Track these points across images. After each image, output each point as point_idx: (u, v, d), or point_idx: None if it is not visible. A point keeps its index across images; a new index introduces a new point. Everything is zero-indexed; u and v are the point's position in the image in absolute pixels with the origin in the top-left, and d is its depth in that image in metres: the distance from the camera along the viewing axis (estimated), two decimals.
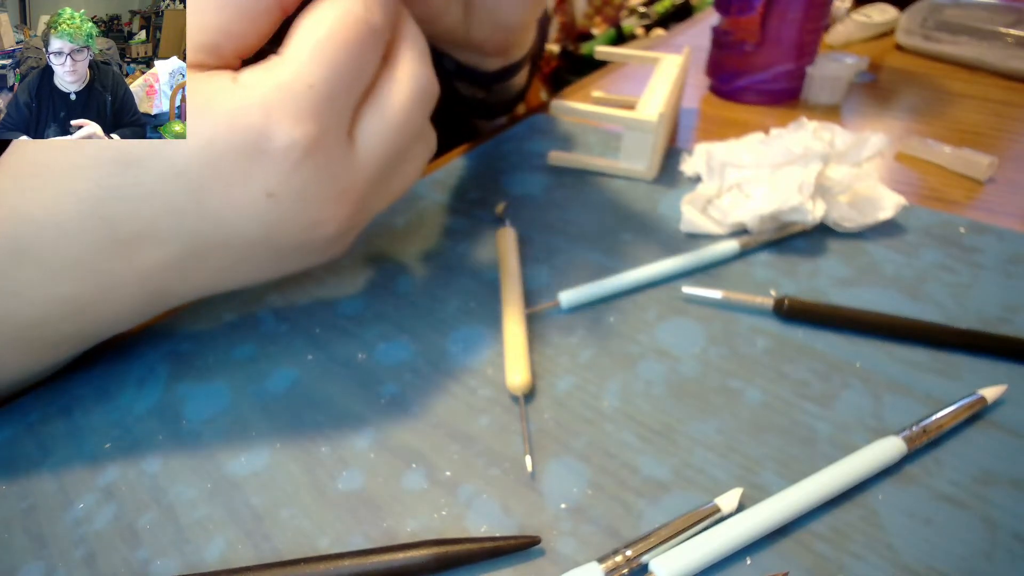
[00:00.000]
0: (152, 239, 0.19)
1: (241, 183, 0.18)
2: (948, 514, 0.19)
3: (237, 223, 0.19)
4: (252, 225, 0.19)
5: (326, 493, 0.20)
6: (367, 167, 0.21)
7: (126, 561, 0.19)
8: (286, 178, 0.18)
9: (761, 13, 0.41)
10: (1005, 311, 0.25)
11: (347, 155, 0.20)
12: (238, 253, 0.20)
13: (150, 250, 0.19)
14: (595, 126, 0.42)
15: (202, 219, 0.19)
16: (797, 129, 0.33)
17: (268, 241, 0.20)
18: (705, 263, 0.29)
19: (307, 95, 0.18)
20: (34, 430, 0.24)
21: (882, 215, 0.30)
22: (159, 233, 0.19)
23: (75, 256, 0.19)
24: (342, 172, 0.20)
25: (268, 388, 0.24)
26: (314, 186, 0.19)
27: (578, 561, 0.18)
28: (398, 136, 0.21)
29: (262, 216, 0.19)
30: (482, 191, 0.36)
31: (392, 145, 0.21)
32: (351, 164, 0.20)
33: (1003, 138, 0.39)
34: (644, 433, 0.22)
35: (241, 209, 0.19)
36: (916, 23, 0.52)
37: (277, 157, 0.18)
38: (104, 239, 0.19)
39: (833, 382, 0.23)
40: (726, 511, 0.18)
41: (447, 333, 0.26)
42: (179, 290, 0.22)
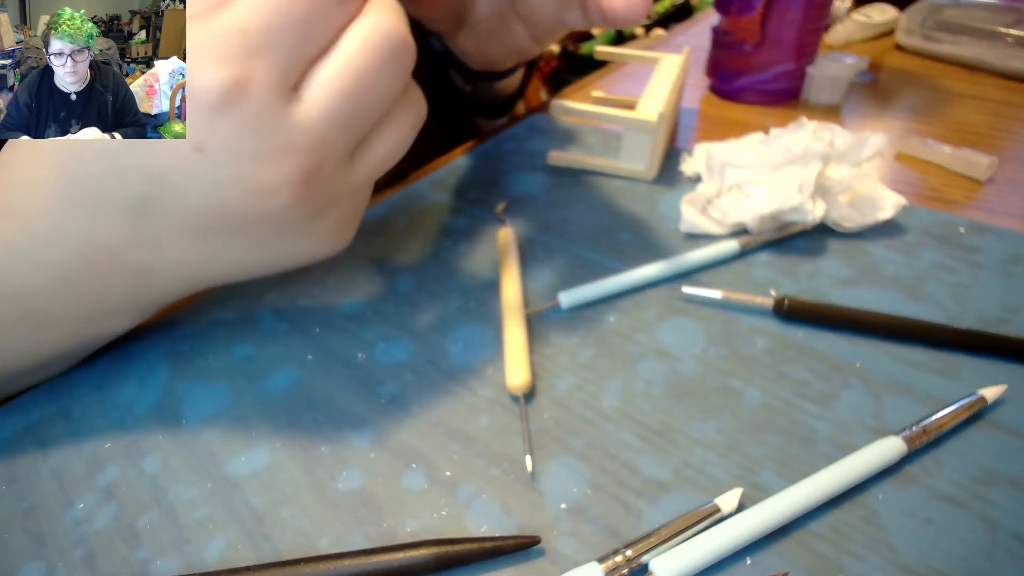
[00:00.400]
0: (107, 202, 0.19)
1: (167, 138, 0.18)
2: (948, 514, 0.19)
3: (176, 183, 0.18)
4: (191, 185, 0.18)
5: (326, 493, 0.20)
6: (316, 123, 0.19)
7: (126, 561, 0.19)
8: (208, 127, 0.17)
9: (761, 13, 0.41)
10: (1005, 311, 0.25)
11: (286, 107, 0.18)
12: (196, 222, 0.19)
13: (109, 214, 0.19)
14: (595, 126, 0.42)
15: (144, 179, 0.18)
16: (797, 129, 0.33)
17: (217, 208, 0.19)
18: (705, 263, 0.29)
19: (236, 39, 0.17)
20: (34, 430, 0.24)
21: (882, 215, 0.30)
22: (110, 195, 0.19)
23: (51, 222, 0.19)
24: (280, 126, 0.18)
25: (268, 388, 0.24)
26: (244, 140, 0.18)
27: (578, 561, 0.18)
28: (355, 89, 0.19)
29: (197, 174, 0.18)
30: (482, 191, 0.36)
31: (349, 99, 0.19)
32: (292, 118, 0.18)
33: (1003, 138, 0.39)
34: (644, 433, 0.22)
35: (173, 165, 0.18)
36: (916, 23, 0.52)
37: (195, 102, 0.17)
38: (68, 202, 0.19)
39: (833, 382, 0.23)
40: (726, 511, 0.18)
41: (447, 333, 0.26)
42: (159, 267, 0.21)
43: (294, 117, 0.18)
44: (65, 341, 0.24)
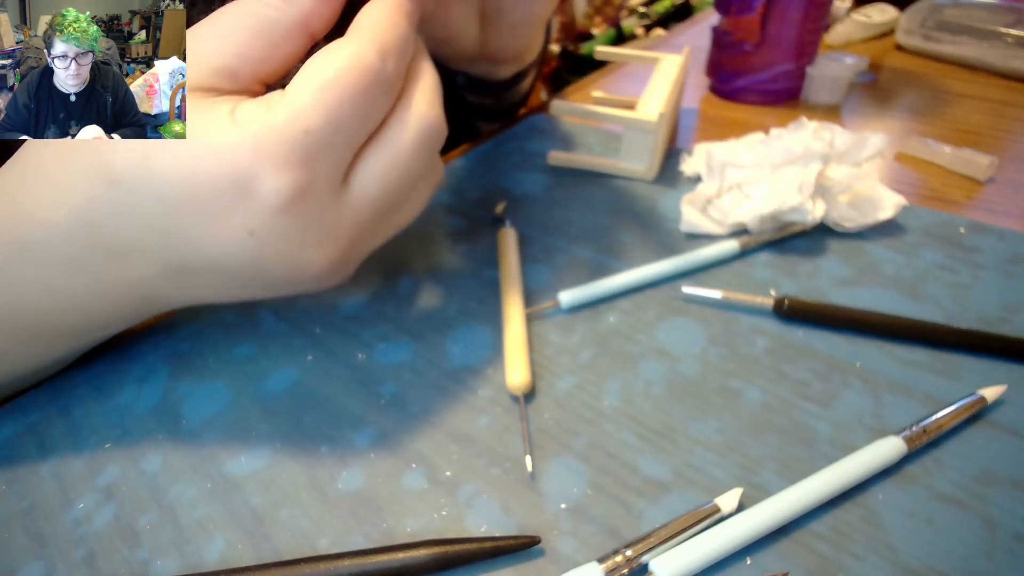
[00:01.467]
0: (138, 254, 0.19)
1: (222, 219, 0.18)
2: (948, 514, 0.19)
3: (219, 253, 0.19)
4: (234, 258, 0.19)
5: (326, 493, 0.20)
6: (361, 210, 0.20)
7: (126, 561, 0.19)
8: (268, 221, 0.18)
9: (761, 13, 0.41)
10: (1005, 311, 0.25)
11: (338, 200, 0.19)
12: (225, 278, 0.20)
13: (137, 263, 0.19)
14: (595, 126, 0.42)
15: (184, 244, 0.19)
16: (797, 129, 0.33)
17: (253, 274, 0.20)
18: (705, 263, 0.29)
19: (300, 141, 0.17)
20: (34, 430, 0.24)
21: (882, 215, 0.30)
22: (144, 249, 0.19)
23: (69, 255, 0.19)
24: (331, 217, 0.19)
25: (268, 388, 0.24)
26: (298, 231, 0.19)
27: (578, 561, 0.18)
28: (399, 179, 0.20)
29: (244, 251, 0.19)
30: (482, 191, 0.36)
31: (392, 188, 0.20)
32: (342, 209, 0.19)
33: (1003, 138, 0.39)
34: (644, 433, 0.22)
35: (222, 242, 0.18)
36: (916, 23, 0.52)
37: (260, 201, 0.18)
38: (94, 246, 0.19)
39: (833, 382, 0.23)
40: (726, 511, 0.18)
41: (447, 333, 0.26)
42: (171, 298, 0.22)
43: (343, 207, 0.19)
44: (66, 349, 0.24)
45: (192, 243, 0.19)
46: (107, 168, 0.18)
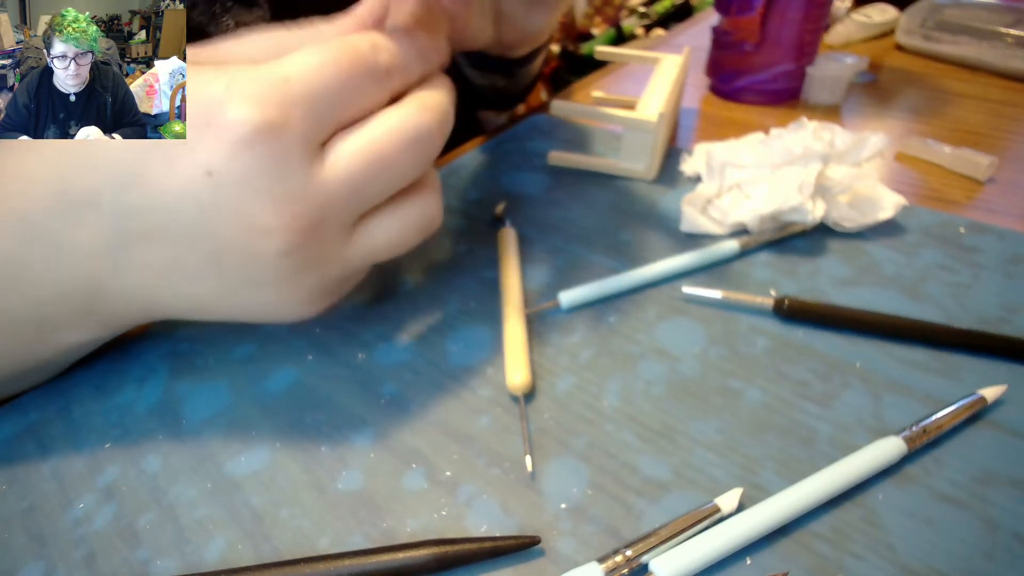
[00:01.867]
0: (95, 208, 0.19)
1: (185, 154, 0.18)
2: (948, 514, 0.19)
3: (174, 202, 0.18)
4: (188, 204, 0.18)
5: (326, 493, 0.20)
6: (328, 185, 0.19)
7: (126, 561, 0.19)
8: (228, 156, 0.18)
9: (761, 13, 0.41)
10: (1005, 311, 0.25)
11: (306, 160, 0.19)
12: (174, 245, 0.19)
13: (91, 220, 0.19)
14: (595, 126, 0.42)
15: (142, 194, 0.18)
16: (797, 129, 0.33)
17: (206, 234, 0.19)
18: (705, 263, 0.29)
19: (278, 84, 0.18)
20: (34, 430, 0.24)
21: (882, 215, 0.30)
22: (101, 202, 0.19)
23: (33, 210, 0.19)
24: (295, 175, 0.19)
25: (268, 388, 0.24)
26: (259, 176, 0.18)
27: (578, 561, 0.18)
28: (374, 166, 0.20)
29: (199, 195, 0.18)
30: (482, 191, 0.36)
31: (366, 172, 0.20)
32: (308, 172, 0.19)
33: (1003, 138, 0.39)
34: (644, 433, 0.22)
35: (179, 185, 0.18)
36: (916, 23, 0.52)
37: (223, 130, 0.17)
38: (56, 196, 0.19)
39: (833, 382, 0.23)
40: (726, 511, 0.18)
41: (447, 333, 0.26)
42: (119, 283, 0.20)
43: (311, 171, 0.19)
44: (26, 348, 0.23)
45: (147, 190, 0.18)
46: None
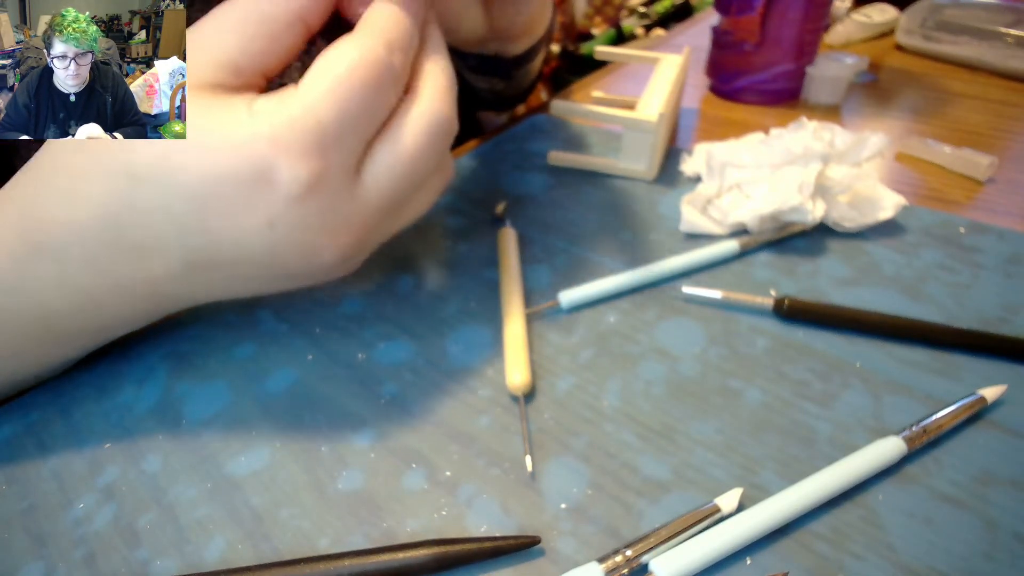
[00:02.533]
0: (158, 250, 0.19)
1: (244, 210, 0.19)
2: (948, 514, 0.19)
3: (239, 245, 0.19)
4: (254, 248, 0.20)
5: (326, 493, 0.20)
6: (373, 200, 0.21)
7: (126, 561, 0.19)
8: (287, 210, 0.19)
9: (761, 13, 0.41)
10: (1005, 311, 0.25)
11: (351, 189, 0.20)
12: (241, 271, 0.21)
13: (156, 260, 0.20)
14: (595, 126, 0.42)
15: (205, 238, 0.19)
16: (797, 129, 0.33)
17: (269, 263, 0.20)
18: (705, 263, 0.29)
19: (315, 131, 0.18)
20: (34, 430, 0.24)
21: (882, 215, 0.30)
22: (164, 245, 0.19)
23: (89, 255, 0.19)
24: (345, 205, 0.20)
25: (268, 388, 0.24)
26: (315, 218, 0.19)
27: (578, 561, 0.18)
28: (409, 171, 0.21)
29: (263, 242, 0.19)
30: (482, 191, 0.36)
31: (402, 180, 0.21)
32: (355, 197, 0.20)
33: (1003, 138, 0.39)
34: (644, 433, 0.22)
35: (243, 233, 0.19)
36: (916, 23, 0.52)
37: (280, 190, 0.18)
38: (114, 243, 0.19)
39: (833, 382, 0.23)
40: (726, 511, 0.18)
41: (447, 333, 0.26)
42: (185, 296, 0.22)
43: (357, 196, 0.20)
44: (78, 349, 0.24)
45: (213, 236, 0.19)
46: (128, 166, 0.18)
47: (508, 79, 0.40)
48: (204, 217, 0.19)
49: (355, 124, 0.19)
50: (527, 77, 0.42)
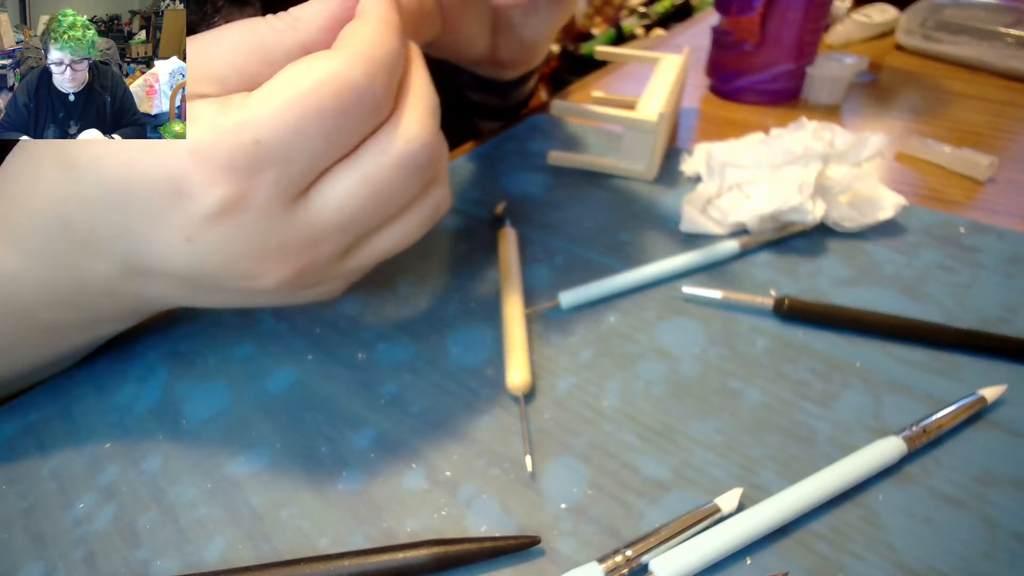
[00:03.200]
0: (97, 249, 0.19)
1: (160, 220, 0.17)
2: (948, 514, 0.19)
3: (165, 257, 0.18)
4: (179, 262, 0.18)
5: (326, 493, 0.20)
6: (318, 228, 0.19)
7: (126, 561, 0.19)
8: (203, 229, 0.17)
9: (761, 13, 0.41)
10: (1005, 311, 0.25)
11: (288, 214, 0.18)
12: (177, 282, 0.19)
13: (101, 258, 0.19)
14: (595, 126, 0.42)
15: (132, 241, 0.18)
16: (797, 129, 0.33)
17: (201, 279, 0.19)
18: (705, 263, 0.29)
19: (246, 150, 0.16)
20: (34, 430, 0.24)
21: (882, 215, 0.30)
22: (101, 245, 0.18)
23: (45, 247, 0.19)
24: (278, 231, 0.18)
25: (268, 388, 0.24)
26: (237, 243, 0.18)
27: (578, 561, 0.18)
28: (372, 202, 0.19)
29: (185, 256, 0.18)
30: (482, 191, 0.36)
31: (360, 211, 0.19)
32: (293, 224, 0.18)
33: (1003, 138, 0.39)
34: (644, 433, 0.22)
35: (163, 244, 0.18)
36: (916, 23, 0.52)
37: (193, 206, 0.17)
38: (63, 235, 0.19)
39: (833, 382, 0.23)
40: (726, 511, 0.18)
41: (447, 333, 0.26)
42: (150, 298, 0.21)
43: (294, 220, 0.18)
44: (69, 345, 0.24)
45: (139, 242, 0.18)
46: (68, 154, 0.17)
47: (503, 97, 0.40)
48: (128, 220, 0.17)
49: (307, 149, 0.17)
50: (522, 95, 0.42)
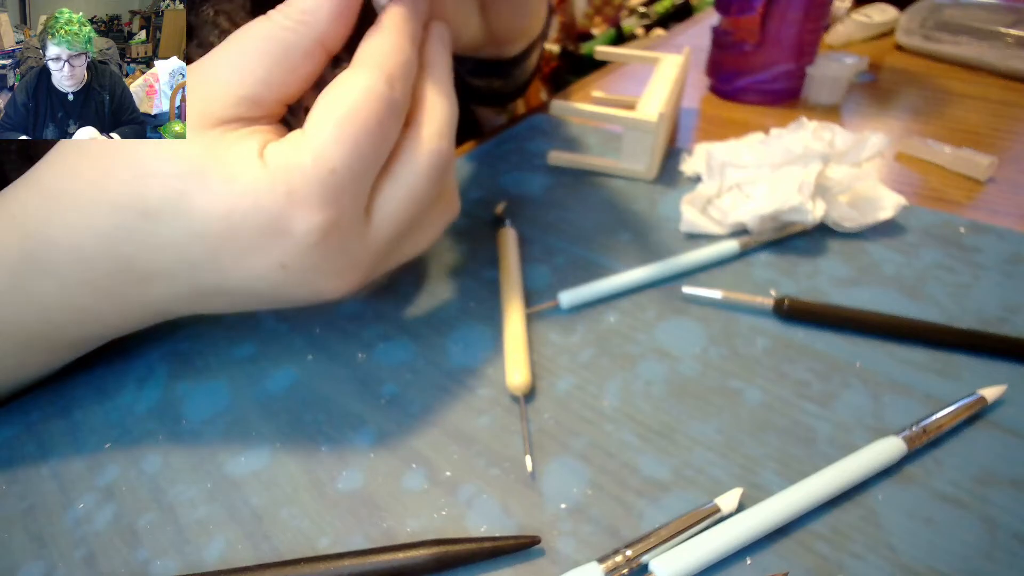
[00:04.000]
0: (165, 279, 0.20)
1: (256, 254, 0.19)
2: (948, 514, 0.19)
3: (249, 282, 0.20)
4: (262, 286, 0.20)
5: (326, 493, 0.20)
6: (380, 239, 0.21)
7: (126, 561, 0.19)
8: (300, 256, 0.19)
9: (761, 13, 0.41)
10: (1005, 311, 0.25)
11: (363, 232, 0.20)
12: (246, 300, 0.21)
13: (163, 286, 0.20)
14: (595, 126, 0.42)
15: (216, 273, 0.19)
16: (797, 129, 0.33)
17: (275, 297, 0.21)
18: (705, 263, 0.29)
19: (328, 181, 0.18)
20: (34, 430, 0.24)
21: (882, 215, 0.30)
22: (173, 275, 0.19)
23: (91, 279, 0.19)
24: (355, 248, 0.20)
25: (268, 388, 0.24)
26: (327, 262, 0.20)
27: (578, 561, 0.18)
28: (413, 208, 0.21)
29: (273, 280, 0.20)
30: (482, 191, 0.36)
31: (406, 217, 0.21)
32: (365, 239, 0.20)
33: (1003, 138, 0.39)
34: (644, 433, 0.22)
35: (254, 272, 0.19)
36: (916, 23, 0.52)
37: (295, 239, 0.19)
38: (118, 272, 0.19)
39: (833, 382, 0.23)
40: (726, 511, 0.18)
41: (447, 333, 0.26)
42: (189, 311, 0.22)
43: (366, 237, 0.20)
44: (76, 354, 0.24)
45: (224, 272, 0.19)
46: (142, 201, 0.18)
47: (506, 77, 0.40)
48: (217, 257, 0.19)
49: (364, 165, 0.19)
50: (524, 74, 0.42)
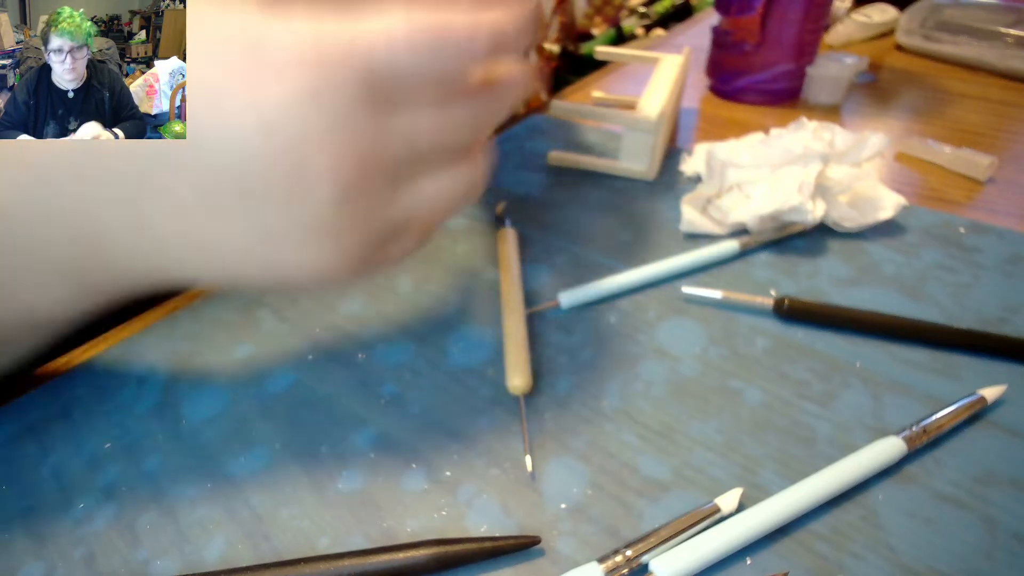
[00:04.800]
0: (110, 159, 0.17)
1: (244, 90, 0.16)
2: (948, 514, 0.19)
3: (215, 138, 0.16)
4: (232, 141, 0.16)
5: (326, 493, 0.20)
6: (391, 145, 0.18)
7: (126, 561, 0.19)
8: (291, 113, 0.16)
9: (761, 13, 0.41)
10: (1005, 311, 0.25)
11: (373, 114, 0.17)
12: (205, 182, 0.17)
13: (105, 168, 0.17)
14: (595, 126, 0.42)
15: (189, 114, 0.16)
16: (797, 129, 0.33)
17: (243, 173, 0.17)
18: (705, 263, 0.29)
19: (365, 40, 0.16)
20: (34, 430, 0.24)
21: (882, 215, 0.30)
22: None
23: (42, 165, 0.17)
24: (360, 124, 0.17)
25: (268, 388, 0.24)
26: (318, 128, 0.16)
27: (578, 561, 0.18)
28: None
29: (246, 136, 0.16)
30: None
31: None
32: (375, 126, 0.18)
33: (1003, 138, 0.39)
34: (644, 433, 0.22)
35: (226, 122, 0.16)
36: (916, 23, 0.52)
37: (286, 80, 0.16)
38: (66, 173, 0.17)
39: (833, 382, 0.23)
40: (726, 511, 0.18)
41: (447, 333, 0.26)
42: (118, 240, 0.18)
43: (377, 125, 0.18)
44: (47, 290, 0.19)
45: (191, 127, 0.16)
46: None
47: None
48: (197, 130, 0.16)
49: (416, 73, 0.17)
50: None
